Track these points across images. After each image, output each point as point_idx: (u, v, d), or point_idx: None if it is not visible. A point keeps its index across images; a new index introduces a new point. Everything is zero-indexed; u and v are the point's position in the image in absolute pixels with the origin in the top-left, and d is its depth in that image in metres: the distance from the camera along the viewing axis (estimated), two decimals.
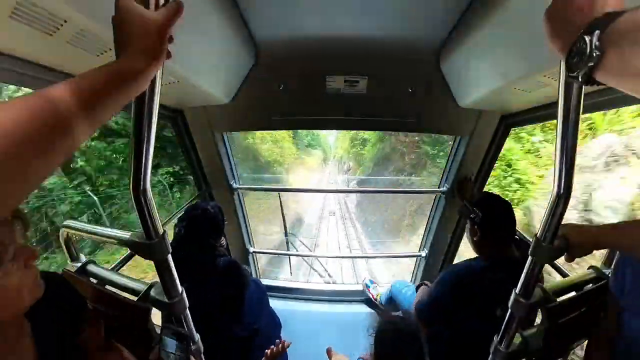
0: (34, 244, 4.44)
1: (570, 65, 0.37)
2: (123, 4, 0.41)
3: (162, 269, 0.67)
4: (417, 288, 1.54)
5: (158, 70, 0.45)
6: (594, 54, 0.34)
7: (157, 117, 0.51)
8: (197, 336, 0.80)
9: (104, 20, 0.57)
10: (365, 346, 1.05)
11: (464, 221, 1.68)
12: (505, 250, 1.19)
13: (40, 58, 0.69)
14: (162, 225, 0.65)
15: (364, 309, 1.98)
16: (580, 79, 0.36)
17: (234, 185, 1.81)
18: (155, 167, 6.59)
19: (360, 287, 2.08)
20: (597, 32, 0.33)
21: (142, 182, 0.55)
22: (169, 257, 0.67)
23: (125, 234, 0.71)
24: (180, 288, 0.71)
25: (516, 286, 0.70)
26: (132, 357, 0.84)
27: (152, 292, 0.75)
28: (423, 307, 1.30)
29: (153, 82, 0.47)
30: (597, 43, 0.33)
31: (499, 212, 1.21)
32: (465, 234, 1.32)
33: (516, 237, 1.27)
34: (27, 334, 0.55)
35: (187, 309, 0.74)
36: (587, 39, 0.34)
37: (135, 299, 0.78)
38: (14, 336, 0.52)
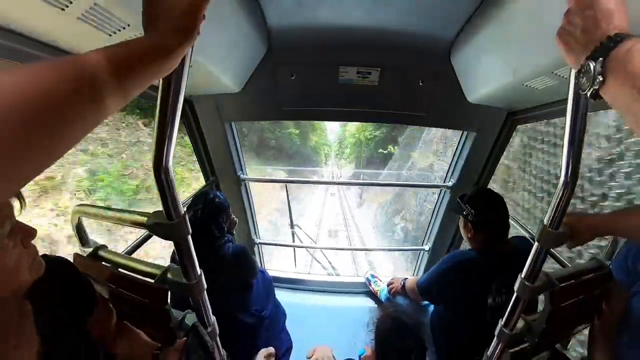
0: None
1: (579, 82, 0.41)
2: None
3: (182, 250, 0.68)
4: None
5: (189, 48, 0.44)
6: (597, 80, 0.37)
7: (184, 94, 0.51)
8: (213, 318, 0.82)
9: None
10: (365, 340, 1.08)
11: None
12: (499, 244, 1.23)
13: (50, 36, 0.66)
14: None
15: (367, 301, 2.01)
16: (588, 96, 0.40)
17: (241, 176, 1.82)
18: None
19: (363, 280, 2.10)
20: (600, 59, 0.37)
21: (164, 161, 0.55)
22: (189, 238, 0.67)
23: (142, 216, 0.69)
24: (199, 270, 0.72)
25: (514, 279, 0.74)
26: (148, 339, 0.86)
27: (170, 275, 0.77)
28: (424, 282, 1.40)
29: (183, 59, 0.46)
30: (599, 69, 0.37)
31: (491, 208, 1.25)
32: (460, 229, 1.36)
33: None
34: (28, 316, 0.54)
35: (205, 291, 0.76)
36: (591, 65, 0.38)
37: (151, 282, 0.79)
38: (14, 318, 0.51)
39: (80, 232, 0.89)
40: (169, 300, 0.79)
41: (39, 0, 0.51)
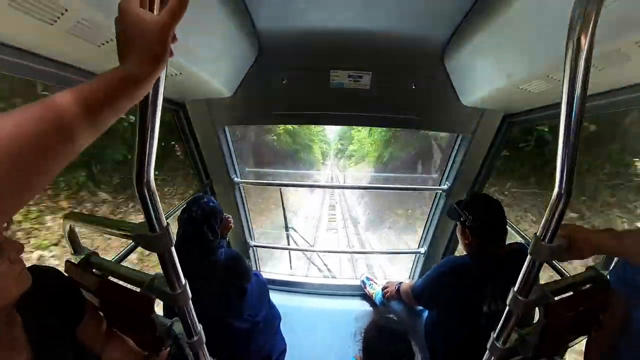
0: None
1: None
2: (124, 6, 0.39)
3: (166, 261, 0.67)
4: None
5: (162, 72, 0.45)
6: None
7: (161, 108, 0.51)
8: (199, 327, 0.81)
9: (106, 9, 0.56)
10: (357, 345, 1.08)
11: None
12: (496, 250, 1.22)
13: (42, 48, 0.67)
14: (166, 219, 0.65)
15: (363, 304, 2.00)
16: None
17: (235, 180, 1.81)
18: None
19: (358, 282, 2.09)
20: None
21: (145, 174, 0.55)
22: (172, 249, 0.67)
23: (128, 226, 0.70)
24: (183, 280, 0.72)
25: (509, 285, 0.71)
26: (135, 347, 0.86)
27: (156, 283, 0.76)
28: (418, 287, 1.40)
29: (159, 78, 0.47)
30: None
31: (489, 213, 1.23)
32: (458, 235, 1.35)
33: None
34: (18, 327, 0.55)
35: (190, 301, 0.75)
36: None
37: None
38: (4, 329, 0.52)
39: (72, 240, 0.89)
40: (157, 309, 0.79)
41: (28, 17, 0.52)
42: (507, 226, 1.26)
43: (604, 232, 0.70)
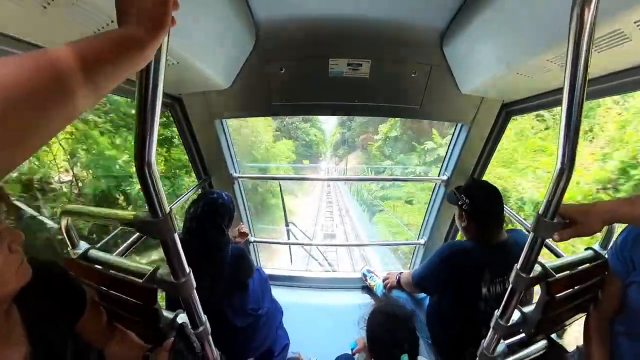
0: None
1: None
2: None
3: (169, 248, 0.66)
4: None
5: (164, 39, 0.43)
6: None
7: (162, 86, 0.50)
8: (204, 317, 0.80)
9: None
10: (360, 333, 1.08)
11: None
12: (494, 235, 1.24)
13: (36, 36, 0.65)
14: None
15: (364, 296, 2.01)
16: None
17: (234, 174, 1.80)
18: None
19: (359, 275, 2.10)
20: None
21: (147, 156, 0.53)
22: (176, 236, 0.65)
23: (129, 214, 0.68)
24: (187, 268, 0.71)
25: (507, 269, 0.73)
26: (138, 340, 0.86)
27: (159, 274, 0.75)
28: (419, 272, 1.42)
29: (159, 53, 0.46)
30: None
31: (486, 198, 1.26)
32: (456, 220, 1.37)
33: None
34: (17, 321, 0.54)
35: (195, 290, 0.74)
36: None
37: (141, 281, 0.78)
38: (1, 322, 0.51)
39: (69, 234, 0.87)
40: (160, 301, 0.78)
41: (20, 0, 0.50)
42: (507, 213, 1.28)
43: (614, 201, 0.70)
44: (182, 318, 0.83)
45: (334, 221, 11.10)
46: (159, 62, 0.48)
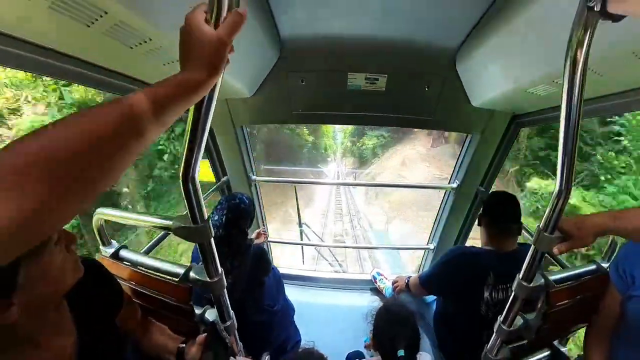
0: None
1: None
2: (191, 21, 0.44)
3: (206, 251, 0.75)
4: None
5: (219, 78, 0.49)
6: None
7: (212, 114, 0.57)
8: (232, 313, 0.88)
9: (142, 11, 0.59)
10: (368, 327, 1.14)
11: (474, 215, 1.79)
12: (504, 243, 1.27)
13: (76, 50, 0.69)
14: None
15: (373, 298, 2.04)
16: (595, 10, 0.45)
17: (252, 177, 1.88)
18: None
19: (369, 277, 2.15)
20: None
21: (191, 171, 0.62)
22: (212, 240, 0.74)
23: (166, 220, 0.77)
24: (220, 269, 0.79)
25: (511, 277, 0.78)
26: (173, 334, 0.91)
27: (192, 274, 0.84)
28: (427, 273, 1.48)
29: (214, 86, 0.52)
30: None
31: (500, 206, 1.31)
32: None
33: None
34: (67, 314, 0.60)
35: (225, 289, 0.83)
36: None
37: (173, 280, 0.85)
38: (55, 314, 0.56)
39: (102, 234, 0.96)
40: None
41: (67, 18, 0.54)
42: (522, 228, 1.31)
43: (604, 214, 0.73)
44: (210, 313, 0.91)
45: (344, 226, 11.04)
46: (212, 97, 0.55)
